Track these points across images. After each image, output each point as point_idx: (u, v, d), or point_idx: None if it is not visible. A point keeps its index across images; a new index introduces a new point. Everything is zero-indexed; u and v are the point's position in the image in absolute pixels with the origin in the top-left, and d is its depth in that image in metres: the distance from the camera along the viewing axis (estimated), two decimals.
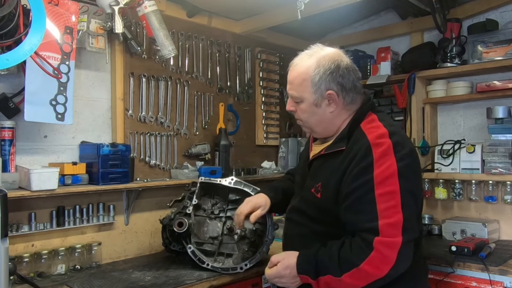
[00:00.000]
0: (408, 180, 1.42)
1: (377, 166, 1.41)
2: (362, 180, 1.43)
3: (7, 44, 1.78)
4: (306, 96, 1.58)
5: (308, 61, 1.58)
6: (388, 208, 1.38)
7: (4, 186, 1.89)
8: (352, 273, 1.39)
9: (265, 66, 3.28)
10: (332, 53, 1.59)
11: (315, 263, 1.47)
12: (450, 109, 3.01)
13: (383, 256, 1.36)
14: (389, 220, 1.36)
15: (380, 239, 1.36)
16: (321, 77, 1.54)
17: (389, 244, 1.35)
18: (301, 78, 1.57)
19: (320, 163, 1.63)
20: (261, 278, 2.23)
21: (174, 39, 2.57)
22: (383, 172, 1.40)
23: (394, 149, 1.43)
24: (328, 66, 1.55)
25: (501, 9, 2.79)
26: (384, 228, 1.36)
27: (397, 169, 1.40)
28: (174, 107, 2.72)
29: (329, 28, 3.47)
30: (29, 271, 2.03)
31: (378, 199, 1.39)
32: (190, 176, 2.59)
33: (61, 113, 2.07)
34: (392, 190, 1.39)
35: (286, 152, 3.30)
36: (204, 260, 2.08)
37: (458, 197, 2.80)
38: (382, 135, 1.47)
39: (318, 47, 1.62)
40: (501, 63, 2.57)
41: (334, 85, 1.55)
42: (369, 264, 1.37)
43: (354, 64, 1.63)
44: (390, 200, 1.38)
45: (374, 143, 1.45)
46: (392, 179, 1.39)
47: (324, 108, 1.58)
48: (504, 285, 2.09)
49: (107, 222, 2.39)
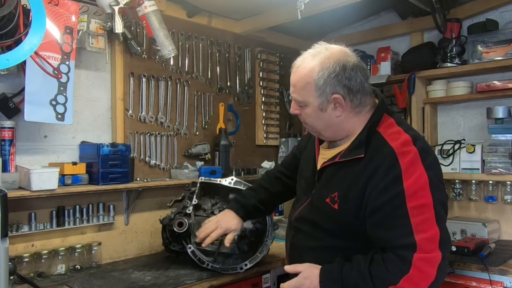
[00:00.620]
0: (439, 190, 1.34)
1: (406, 178, 1.31)
2: (391, 193, 1.32)
3: (7, 44, 1.78)
4: (310, 100, 1.46)
5: (311, 63, 1.45)
6: (423, 222, 1.29)
7: (4, 186, 1.89)
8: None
9: (265, 66, 3.28)
10: (338, 53, 1.46)
11: (341, 279, 1.38)
12: (450, 109, 3.01)
13: (423, 273, 1.29)
14: (425, 234, 1.28)
15: (420, 255, 1.28)
16: (325, 81, 1.42)
17: (430, 260, 1.29)
18: (304, 81, 1.46)
19: (335, 170, 1.49)
20: (261, 278, 2.23)
21: (174, 39, 2.57)
22: (414, 184, 1.31)
23: (421, 157, 1.34)
24: (333, 68, 1.42)
25: (501, 9, 2.79)
26: (422, 243, 1.28)
27: (428, 179, 1.31)
28: (174, 107, 2.72)
29: (329, 28, 3.47)
30: (29, 271, 2.03)
31: (411, 212, 1.29)
32: (190, 176, 2.59)
33: (61, 113, 2.07)
34: (425, 202, 1.30)
35: (286, 152, 3.30)
36: (204, 260, 2.08)
37: (458, 197, 2.80)
38: (407, 143, 1.37)
39: (322, 46, 1.49)
40: (501, 63, 2.57)
41: (340, 89, 1.43)
42: (408, 282, 1.29)
43: (362, 63, 1.50)
44: (424, 213, 1.29)
45: (400, 152, 1.35)
46: (424, 190, 1.31)
47: (330, 112, 1.46)
48: (504, 285, 2.09)
49: (107, 222, 2.39)
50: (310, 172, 1.62)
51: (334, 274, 1.40)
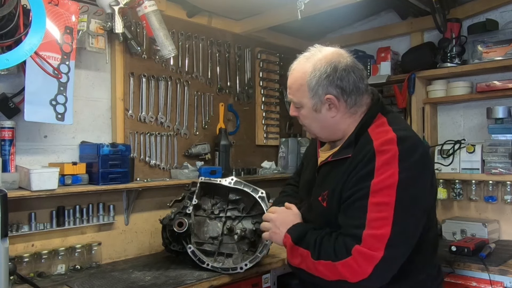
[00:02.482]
0: (410, 192, 1.33)
1: (378, 175, 1.33)
2: (359, 186, 1.36)
3: (7, 44, 1.78)
4: (304, 101, 1.50)
5: (305, 65, 1.49)
6: (377, 219, 1.30)
7: (4, 186, 1.89)
8: (327, 264, 1.36)
9: (265, 66, 3.27)
10: (330, 54, 1.49)
11: (304, 235, 1.46)
12: (450, 109, 3.01)
13: (358, 265, 1.30)
14: (375, 231, 1.30)
15: (360, 248, 1.30)
16: (317, 82, 1.45)
17: (367, 257, 1.29)
18: (298, 83, 1.50)
19: (328, 170, 1.53)
20: (261, 278, 2.23)
21: (174, 39, 2.57)
22: (382, 182, 1.32)
23: (399, 158, 1.33)
24: (324, 69, 1.45)
25: (501, 9, 2.79)
26: (366, 238, 1.30)
27: (398, 180, 1.31)
28: (174, 107, 2.72)
29: (329, 28, 3.47)
30: (29, 271, 2.03)
31: (370, 207, 1.32)
32: (190, 176, 2.59)
33: (61, 113, 2.07)
34: (386, 201, 1.30)
35: (286, 152, 3.30)
36: (204, 260, 2.08)
37: (458, 197, 2.80)
38: (389, 141, 1.37)
39: (316, 48, 1.53)
40: (501, 63, 2.57)
41: (332, 89, 1.46)
42: (344, 266, 1.33)
43: (358, 63, 1.53)
44: (382, 212, 1.30)
45: (378, 150, 1.36)
46: (389, 190, 1.31)
47: (324, 113, 1.50)
48: (504, 285, 2.09)
49: (107, 222, 2.39)
50: (311, 174, 1.65)
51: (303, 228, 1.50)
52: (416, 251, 1.38)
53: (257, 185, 2.19)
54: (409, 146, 1.38)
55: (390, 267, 1.32)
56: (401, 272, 1.36)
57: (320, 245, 1.40)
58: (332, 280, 1.36)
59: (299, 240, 1.46)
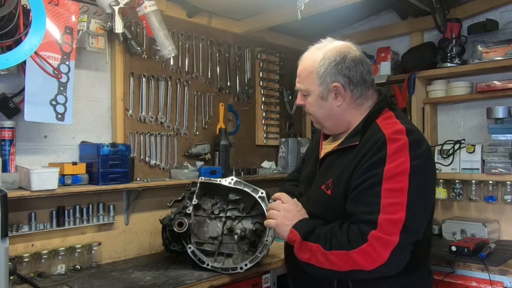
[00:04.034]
0: (420, 180, 1.36)
1: (390, 162, 1.36)
2: (371, 173, 1.37)
3: (7, 44, 1.78)
4: (312, 88, 1.55)
5: (315, 54, 1.56)
6: (392, 204, 1.32)
7: (4, 186, 1.89)
8: (340, 254, 1.36)
9: (265, 66, 3.27)
10: (340, 46, 1.55)
11: (312, 230, 1.45)
12: (450, 109, 3.01)
13: (375, 251, 1.31)
14: (390, 216, 1.31)
15: (376, 233, 1.31)
16: (326, 69, 1.51)
17: (384, 241, 1.30)
18: (308, 70, 1.55)
19: (333, 159, 1.56)
20: (261, 278, 2.23)
21: (174, 39, 2.57)
22: (395, 168, 1.35)
23: (410, 147, 1.37)
24: (334, 58, 1.51)
25: (501, 9, 2.79)
26: (383, 223, 1.31)
27: (410, 167, 1.34)
28: (174, 107, 2.72)
29: (329, 28, 3.46)
30: (29, 271, 2.03)
31: (384, 193, 1.34)
32: (190, 176, 2.59)
33: (61, 113, 2.07)
34: (400, 187, 1.33)
35: (286, 152, 3.30)
36: (204, 260, 2.08)
37: (458, 197, 2.80)
38: (400, 131, 1.41)
39: (327, 40, 1.60)
40: (501, 63, 2.57)
41: (340, 77, 1.50)
42: (360, 254, 1.33)
43: (366, 58, 1.57)
44: (396, 197, 1.33)
45: (390, 138, 1.39)
46: (402, 176, 1.34)
47: (331, 101, 1.54)
48: (504, 285, 2.09)
49: (107, 222, 2.39)
50: (312, 167, 1.67)
51: (310, 223, 1.48)
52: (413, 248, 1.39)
53: (257, 185, 2.19)
54: (417, 138, 1.42)
55: (405, 252, 1.34)
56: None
57: (332, 236, 1.39)
58: (344, 271, 1.36)
59: (308, 235, 1.44)
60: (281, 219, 1.53)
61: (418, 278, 1.50)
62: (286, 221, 1.52)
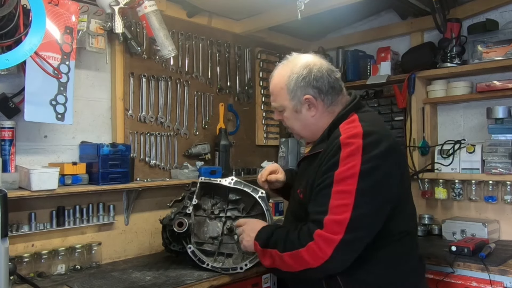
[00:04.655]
0: (370, 182, 1.42)
1: (342, 165, 1.44)
2: (325, 176, 1.48)
3: (7, 44, 1.78)
4: (285, 104, 1.66)
5: (283, 71, 1.66)
6: (339, 206, 1.41)
7: (4, 186, 1.89)
8: (292, 254, 1.48)
9: (265, 66, 3.27)
10: (305, 59, 1.65)
11: (271, 236, 1.59)
12: (450, 109, 3.01)
13: (319, 248, 1.41)
14: (336, 216, 1.40)
15: (321, 232, 1.41)
16: (295, 84, 1.61)
17: (327, 239, 1.40)
18: (279, 87, 1.66)
19: (306, 165, 1.69)
20: (261, 278, 2.23)
21: (174, 39, 2.57)
22: (345, 171, 1.43)
23: (363, 150, 1.44)
24: (301, 72, 1.61)
25: (501, 9, 2.78)
26: (328, 223, 1.41)
27: (359, 170, 1.42)
28: (174, 107, 2.72)
29: (329, 28, 3.47)
30: (29, 271, 2.03)
31: (333, 195, 1.43)
32: (190, 176, 2.59)
33: (61, 113, 2.07)
34: (348, 189, 1.41)
35: (286, 152, 3.30)
36: (204, 260, 2.08)
37: (458, 197, 2.80)
38: (355, 135, 1.48)
39: (293, 56, 1.71)
40: (501, 63, 2.56)
41: (309, 89, 1.61)
42: (307, 252, 1.43)
43: (331, 66, 1.68)
44: (344, 199, 1.41)
45: (344, 143, 1.48)
46: (351, 179, 1.42)
47: (305, 113, 1.65)
48: (504, 285, 2.09)
49: (107, 222, 2.39)
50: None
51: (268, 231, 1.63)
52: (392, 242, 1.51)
53: (257, 185, 2.19)
54: (374, 140, 1.47)
55: (350, 249, 1.43)
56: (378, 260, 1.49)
57: (286, 238, 1.52)
58: (299, 271, 1.48)
59: (266, 242, 1.59)
60: (246, 238, 1.71)
61: (406, 271, 1.56)
62: (249, 238, 1.69)
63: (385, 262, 1.51)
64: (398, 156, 1.54)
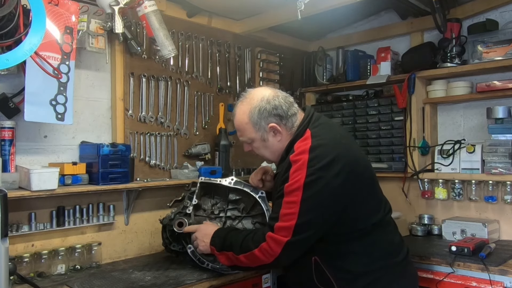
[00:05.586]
0: (313, 192, 1.62)
1: (291, 179, 1.66)
2: (279, 188, 1.72)
3: (7, 44, 1.77)
4: (253, 136, 1.84)
5: (243, 108, 1.83)
6: (287, 214, 1.64)
7: (4, 186, 1.89)
8: (247, 256, 1.74)
9: (265, 66, 3.27)
10: (259, 92, 1.83)
11: (224, 240, 1.84)
12: (450, 109, 3.01)
13: (270, 248, 1.66)
14: (284, 223, 1.64)
15: (272, 235, 1.66)
16: (258, 116, 1.79)
17: (277, 240, 1.65)
18: (244, 123, 1.83)
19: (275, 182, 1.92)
20: (261, 278, 2.23)
21: (174, 39, 2.57)
22: (292, 185, 1.65)
23: (308, 164, 1.63)
24: (259, 104, 1.78)
25: (501, 9, 2.79)
26: (278, 228, 1.66)
27: (303, 183, 1.62)
28: (174, 107, 2.72)
29: (329, 28, 3.47)
30: (29, 271, 2.03)
31: (284, 205, 1.66)
32: (190, 176, 2.59)
33: (61, 113, 2.07)
34: (294, 200, 1.63)
35: None
36: (204, 260, 2.08)
37: (458, 197, 2.80)
38: (303, 152, 1.67)
39: (248, 92, 1.87)
40: (501, 63, 2.56)
41: (272, 118, 1.79)
42: (260, 251, 1.69)
43: (283, 92, 1.85)
44: (291, 208, 1.63)
45: (293, 160, 1.68)
46: (297, 191, 1.63)
47: (271, 140, 1.83)
48: (504, 285, 2.09)
49: (107, 222, 2.39)
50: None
51: (221, 235, 1.88)
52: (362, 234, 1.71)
53: None
54: (319, 154, 1.65)
55: (296, 249, 1.68)
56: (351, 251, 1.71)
57: (242, 242, 1.76)
58: (255, 267, 1.78)
59: (221, 246, 1.84)
60: (201, 244, 1.94)
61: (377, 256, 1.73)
62: (204, 243, 1.92)
63: (358, 251, 1.72)
64: (344, 164, 1.65)
